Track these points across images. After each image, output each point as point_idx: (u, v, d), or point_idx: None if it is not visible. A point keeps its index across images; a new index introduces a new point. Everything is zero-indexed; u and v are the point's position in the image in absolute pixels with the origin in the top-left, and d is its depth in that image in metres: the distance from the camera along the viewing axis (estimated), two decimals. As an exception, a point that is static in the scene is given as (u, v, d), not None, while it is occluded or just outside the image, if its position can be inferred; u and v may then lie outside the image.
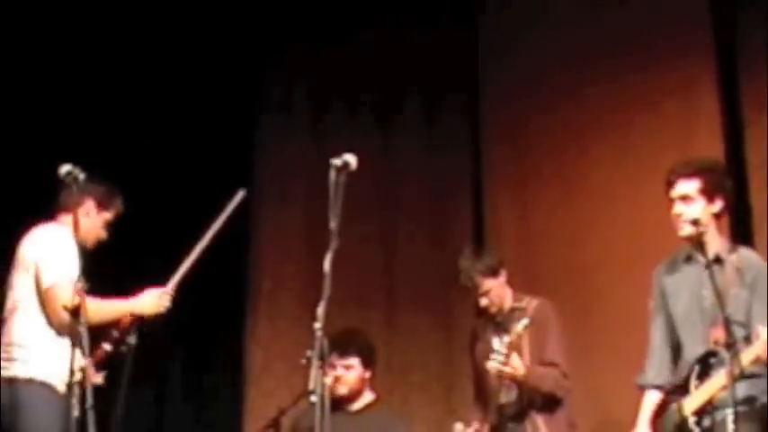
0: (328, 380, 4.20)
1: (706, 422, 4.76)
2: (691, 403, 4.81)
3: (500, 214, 7.31)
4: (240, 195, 5.57)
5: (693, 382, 4.83)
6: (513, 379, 5.49)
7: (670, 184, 5.00)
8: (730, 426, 4.45)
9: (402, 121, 7.69)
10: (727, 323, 4.50)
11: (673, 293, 5.04)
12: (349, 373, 6.02)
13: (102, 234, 5.42)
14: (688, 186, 4.96)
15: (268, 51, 7.72)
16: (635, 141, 6.80)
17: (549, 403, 5.59)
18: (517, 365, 5.43)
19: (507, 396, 5.58)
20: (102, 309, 5.14)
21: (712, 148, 6.43)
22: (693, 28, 6.66)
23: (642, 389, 5.11)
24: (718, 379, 4.67)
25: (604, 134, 6.94)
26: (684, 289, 4.97)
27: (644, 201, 6.60)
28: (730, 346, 4.48)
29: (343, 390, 5.99)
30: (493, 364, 5.42)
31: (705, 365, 4.80)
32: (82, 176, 4.55)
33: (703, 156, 5.66)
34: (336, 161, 4.29)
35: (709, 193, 4.96)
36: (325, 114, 7.68)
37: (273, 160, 7.69)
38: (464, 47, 7.51)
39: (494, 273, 5.69)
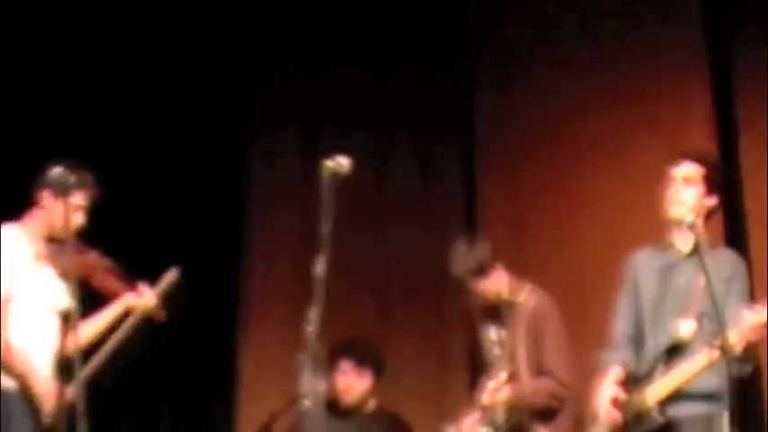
0: (323, 385, 4.16)
1: (672, 411, 4.72)
2: (655, 392, 4.76)
3: (493, 237, 7.29)
4: (172, 275, 5.45)
5: (660, 369, 4.78)
6: (498, 402, 5.41)
7: (677, 164, 4.99)
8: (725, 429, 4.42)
9: (395, 154, 7.69)
10: (722, 327, 4.45)
11: (645, 281, 4.98)
12: (360, 382, 5.99)
13: (74, 221, 5.03)
14: (693, 169, 4.95)
15: (261, 83, 7.72)
16: (628, 143, 6.80)
17: (548, 413, 5.46)
18: (503, 396, 5.35)
19: (501, 416, 5.44)
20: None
21: (707, 151, 6.43)
22: (686, 34, 6.66)
23: (606, 365, 5.00)
24: (689, 367, 4.66)
25: (598, 145, 6.93)
26: (657, 277, 4.91)
27: (637, 206, 6.59)
28: (725, 350, 4.43)
29: (351, 399, 5.97)
30: (484, 400, 5.38)
31: (672, 355, 4.75)
32: (72, 179, 4.52)
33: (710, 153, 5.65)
34: (329, 163, 4.27)
35: (709, 185, 4.95)
36: (316, 146, 7.65)
37: (267, 175, 7.70)
38: (459, 73, 7.53)
39: (485, 271, 5.48)
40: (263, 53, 7.64)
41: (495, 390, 5.33)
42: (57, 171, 5.03)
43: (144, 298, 5.32)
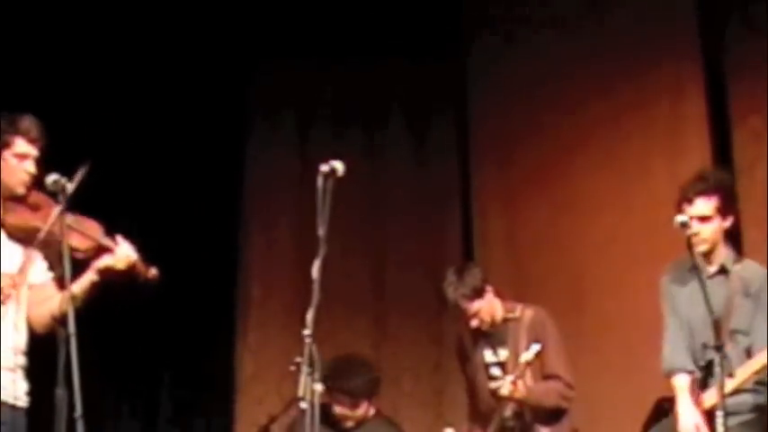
0: (319, 387, 4.17)
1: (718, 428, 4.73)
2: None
3: (488, 222, 7.32)
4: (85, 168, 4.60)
5: (696, 389, 4.86)
6: (514, 401, 5.45)
7: (689, 201, 4.94)
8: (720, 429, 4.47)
9: (390, 135, 7.70)
10: (717, 328, 4.56)
11: (685, 303, 5.00)
12: (357, 411, 5.97)
13: (25, 172, 4.57)
14: (707, 206, 4.93)
15: (257, 71, 7.72)
16: (622, 144, 6.82)
17: (554, 414, 5.55)
18: (518, 388, 5.39)
19: (510, 409, 5.52)
20: None
21: (700, 150, 6.45)
22: (680, 32, 6.67)
23: (670, 375, 4.98)
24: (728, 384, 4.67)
25: (592, 139, 6.95)
26: (691, 300, 4.93)
27: (632, 204, 6.61)
28: (720, 348, 4.52)
29: (350, 424, 5.97)
30: (503, 391, 5.41)
31: (708, 373, 4.81)
32: (69, 185, 4.47)
33: (717, 170, 5.59)
34: (324, 167, 4.29)
35: (723, 211, 4.96)
36: (312, 129, 7.67)
37: (261, 175, 7.69)
38: (452, 63, 7.54)
39: (478, 294, 5.59)
40: (258, 38, 7.62)
41: (515, 381, 5.38)
42: None
43: (117, 255, 4.64)
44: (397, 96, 7.67)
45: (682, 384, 4.89)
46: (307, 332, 4.10)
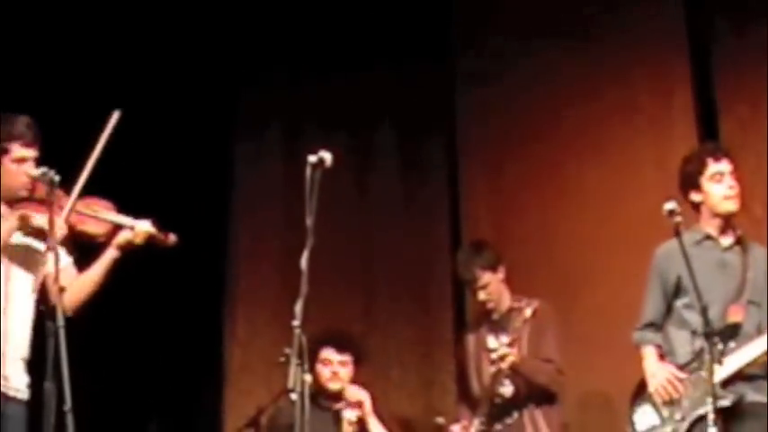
0: (309, 378, 4.18)
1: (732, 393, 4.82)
2: (719, 374, 4.83)
3: (477, 216, 7.31)
4: (116, 116, 4.88)
5: (715, 352, 4.85)
6: (505, 361, 5.54)
7: (717, 158, 5.04)
8: (710, 416, 4.49)
9: (378, 145, 7.70)
10: (705, 315, 4.63)
11: (700, 273, 4.93)
12: (344, 369, 5.97)
13: (25, 175, 4.59)
14: (729, 166, 5.05)
15: (244, 81, 7.73)
16: (610, 133, 6.83)
17: (546, 397, 5.71)
18: (514, 351, 5.53)
19: (504, 390, 5.66)
20: None
21: (687, 137, 6.47)
22: (667, 22, 6.68)
23: (639, 346, 5.16)
24: (750, 351, 4.82)
25: (578, 128, 6.94)
26: (706, 268, 4.93)
27: (620, 194, 6.62)
28: (709, 334, 4.64)
29: (337, 386, 5.93)
30: (501, 351, 5.54)
31: (726, 339, 4.85)
32: (57, 178, 4.47)
33: None
34: (312, 158, 4.30)
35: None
36: (300, 134, 7.66)
37: (250, 175, 7.70)
38: (441, 66, 7.53)
39: (492, 267, 5.80)
40: (245, 52, 7.63)
41: (512, 343, 5.54)
42: None
43: (136, 231, 4.80)
44: (385, 110, 7.66)
45: (648, 352, 5.10)
46: (295, 323, 4.10)
